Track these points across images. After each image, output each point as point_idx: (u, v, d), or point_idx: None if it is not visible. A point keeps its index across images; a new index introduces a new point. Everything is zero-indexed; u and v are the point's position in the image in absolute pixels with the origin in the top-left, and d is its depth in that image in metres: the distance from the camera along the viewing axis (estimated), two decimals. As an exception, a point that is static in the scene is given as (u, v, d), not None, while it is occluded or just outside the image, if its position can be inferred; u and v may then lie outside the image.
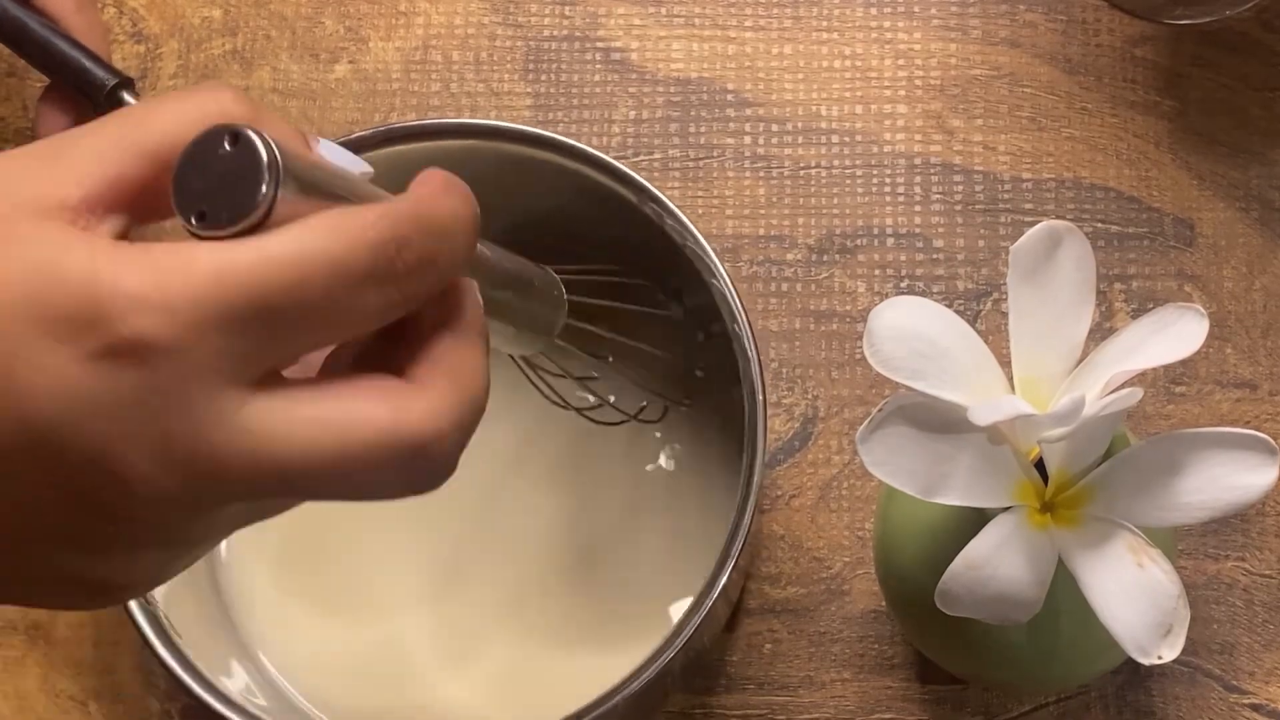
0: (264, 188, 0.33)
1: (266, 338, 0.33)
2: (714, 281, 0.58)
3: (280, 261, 0.33)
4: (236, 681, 0.58)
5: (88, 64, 0.63)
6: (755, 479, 0.55)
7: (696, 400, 0.64)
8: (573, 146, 0.60)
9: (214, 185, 0.33)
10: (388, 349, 0.37)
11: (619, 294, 0.60)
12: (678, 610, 0.55)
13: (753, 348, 0.57)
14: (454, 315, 0.37)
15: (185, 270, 0.32)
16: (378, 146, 0.61)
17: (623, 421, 0.62)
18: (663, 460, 0.64)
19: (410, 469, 0.35)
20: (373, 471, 0.34)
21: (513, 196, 0.63)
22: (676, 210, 0.58)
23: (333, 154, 0.38)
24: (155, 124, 0.35)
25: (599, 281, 0.58)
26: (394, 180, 0.65)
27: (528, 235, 0.66)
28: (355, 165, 0.38)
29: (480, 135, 0.61)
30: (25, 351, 0.32)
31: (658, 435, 0.65)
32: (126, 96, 0.63)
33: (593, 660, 0.61)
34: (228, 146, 0.33)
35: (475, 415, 0.37)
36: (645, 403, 0.62)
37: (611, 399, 0.63)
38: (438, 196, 0.37)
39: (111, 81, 0.63)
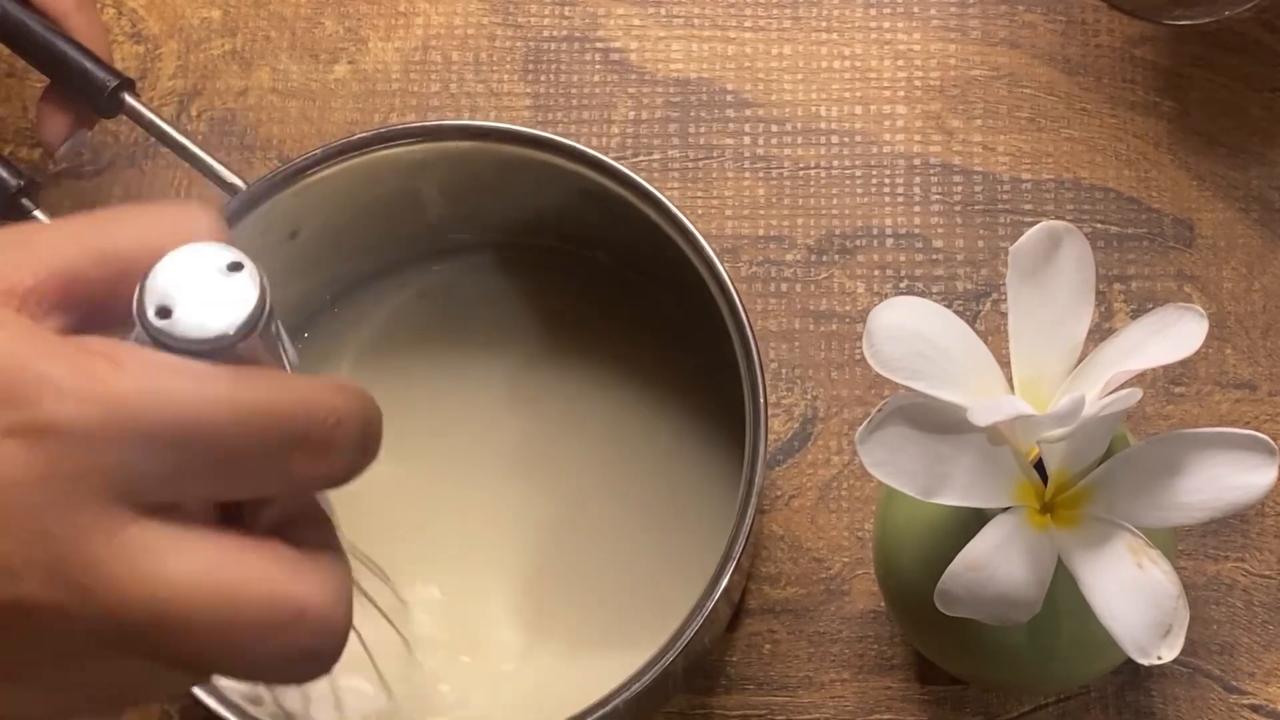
0: (244, 319, 0.32)
1: (180, 468, 0.31)
2: (714, 283, 0.58)
3: (215, 395, 0.31)
4: (236, 682, 0.58)
5: (88, 65, 0.62)
6: (756, 480, 0.55)
7: (697, 402, 0.64)
8: (572, 148, 0.60)
9: (191, 295, 0.32)
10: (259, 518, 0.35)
11: None
12: (679, 611, 0.55)
13: (754, 348, 0.57)
14: (326, 516, 0.36)
15: (113, 371, 0.31)
16: (378, 147, 0.61)
17: None
18: (663, 462, 0.64)
19: (294, 643, 0.32)
20: (256, 635, 0.32)
21: (512, 198, 0.63)
22: (676, 211, 0.58)
23: (282, 333, 0.37)
24: (124, 230, 0.34)
25: None
26: (393, 182, 0.65)
27: (527, 237, 0.66)
28: (290, 352, 0.37)
29: (480, 136, 0.61)
30: None
31: (658, 437, 0.65)
32: (128, 98, 0.63)
33: (594, 661, 0.61)
34: (226, 270, 0.33)
35: (351, 603, 0.35)
36: None
37: None
38: (365, 396, 0.35)
39: (113, 83, 0.62)
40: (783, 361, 0.67)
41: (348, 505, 0.67)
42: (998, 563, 0.49)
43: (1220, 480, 0.49)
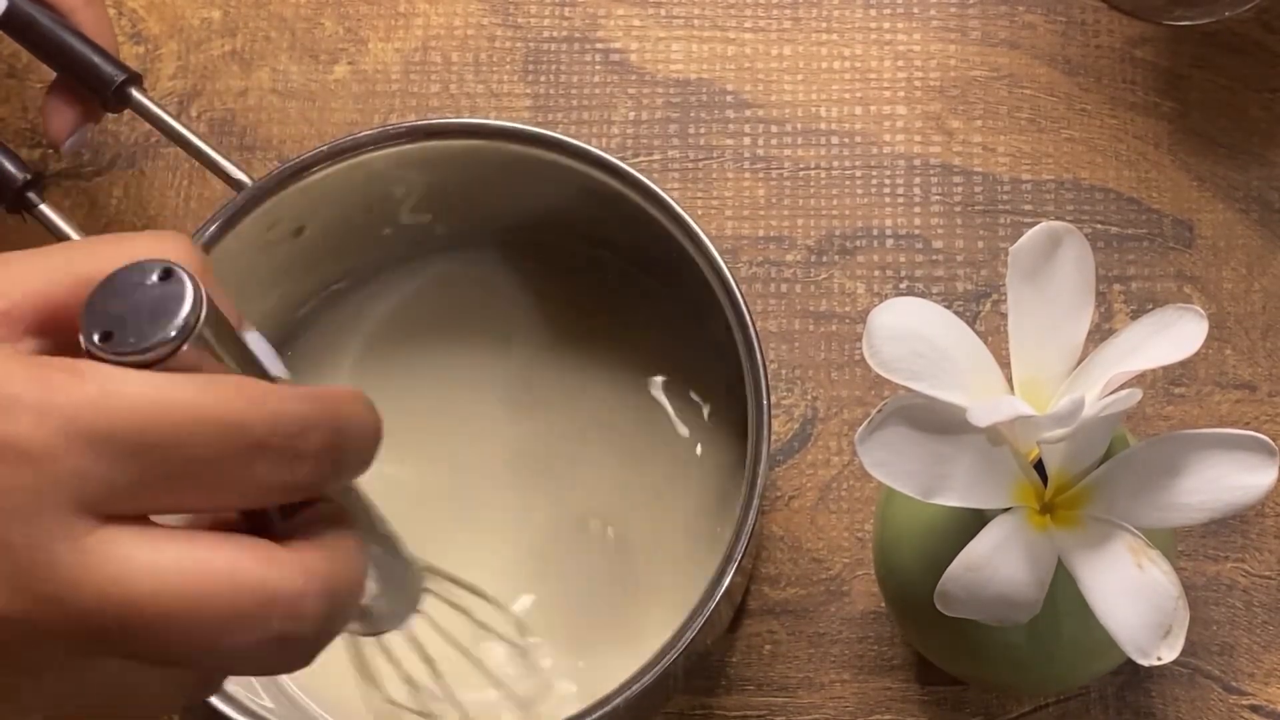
0: (181, 321, 0.32)
1: (140, 477, 0.31)
2: (718, 282, 0.58)
3: (172, 401, 0.31)
4: (239, 679, 0.58)
5: (96, 59, 0.63)
6: (759, 480, 0.55)
7: (699, 400, 0.64)
8: (575, 146, 0.60)
9: (129, 312, 0.32)
10: (265, 526, 0.35)
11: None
12: (681, 612, 0.55)
13: (757, 349, 0.57)
14: (340, 520, 0.36)
15: (71, 383, 0.31)
16: (379, 146, 0.61)
17: None
18: (664, 462, 0.64)
19: (270, 630, 0.33)
20: (228, 625, 0.32)
21: (514, 196, 0.64)
22: (680, 210, 0.58)
23: (257, 346, 0.37)
24: (101, 256, 0.34)
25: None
26: (396, 180, 0.65)
27: (530, 234, 0.66)
28: (275, 366, 0.37)
29: (482, 135, 0.61)
30: None
31: (660, 435, 0.65)
32: (134, 93, 0.63)
33: (595, 661, 0.61)
34: (156, 279, 0.33)
35: (346, 593, 0.35)
36: None
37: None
38: (354, 400, 0.35)
39: (120, 77, 0.63)
40: (783, 362, 0.67)
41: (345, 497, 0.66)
42: (997, 563, 0.49)
43: (1220, 481, 0.49)
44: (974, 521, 0.50)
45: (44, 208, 0.62)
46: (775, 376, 0.67)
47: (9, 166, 0.62)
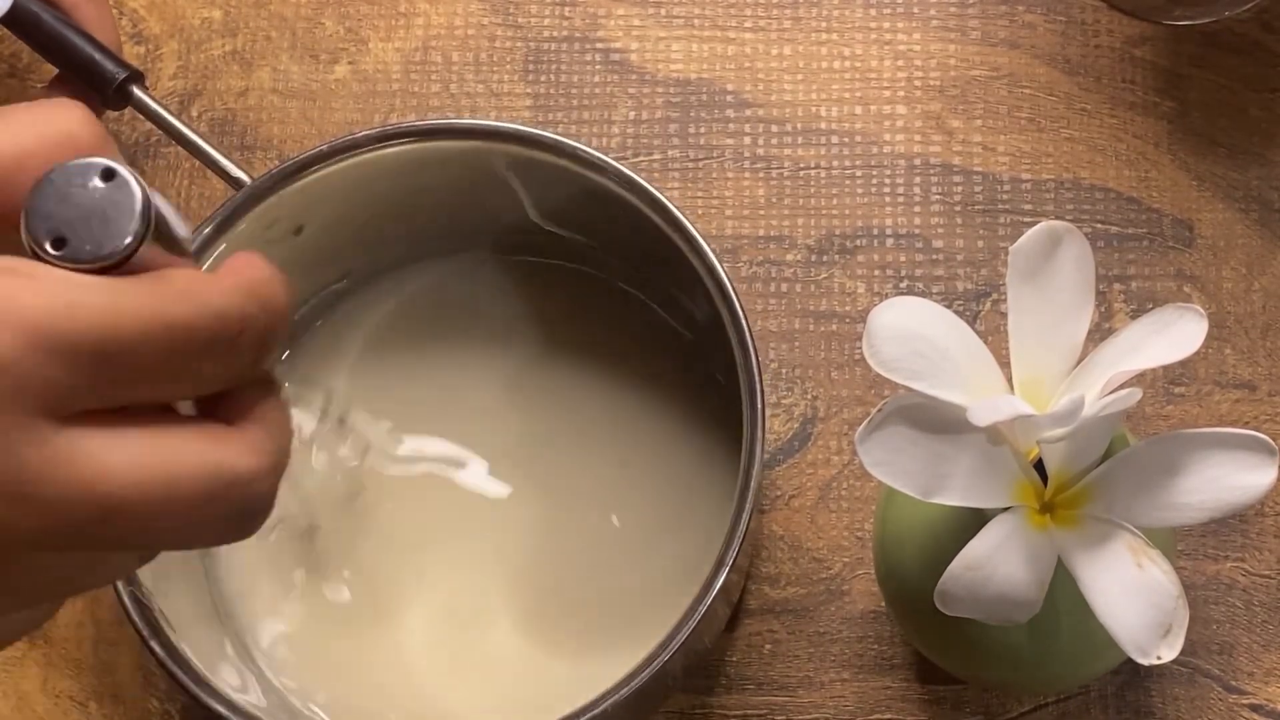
0: (133, 229, 0.33)
1: (99, 380, 0.32)
2: (713, 283, 0.58)
3: (129, 309, 0.32)
4: (234, 681, 0.58)
5: (97, 56, 0.63)
6: (754, 480, 0.55)
7: (697, 401, 0.64)
8: (572, 148, 0.60)
9: (77, 217, 0.33)
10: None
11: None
12: (679, 611, 0.55)
13: (752, 348, 0.57)
14: (267, 385, 0.37)
15: (31, 290, 0.32)
16: (379, 146, 0.61)
17: None
18: (663, 461, 0.64)
19: (232, 505, 0.35)
20: (197, 507, 0.34)
21: (513, 197, 0.63)
22: (676, 212, 0.58)
23: (164, 208, 0.37)
24: (6, 131, 0.34)
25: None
26: (395, 180, 0.65)
27: (528, 236, 0.66)
28: (180, 228, 0.37)
29: (481, 136, 0.61)
30: None
31: (657, 436, 0.65)
32: (136, 91, 0.63)
33: (592, 660, 0.61)
34: (100, 182, 0.33)
35: (285, 461, 0.37)
36: None
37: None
38: (273, 281, 0.36)
39: (121, 75, 0.63)
40: (783, 361, 0.67)
41: (347, 501, 0.67)
42: (997, 563, 0.49)
43: (1220, 480, 0.49)
44: (974, 521, 0.50)
45: None
46: (775, 376, 0.67)
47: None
